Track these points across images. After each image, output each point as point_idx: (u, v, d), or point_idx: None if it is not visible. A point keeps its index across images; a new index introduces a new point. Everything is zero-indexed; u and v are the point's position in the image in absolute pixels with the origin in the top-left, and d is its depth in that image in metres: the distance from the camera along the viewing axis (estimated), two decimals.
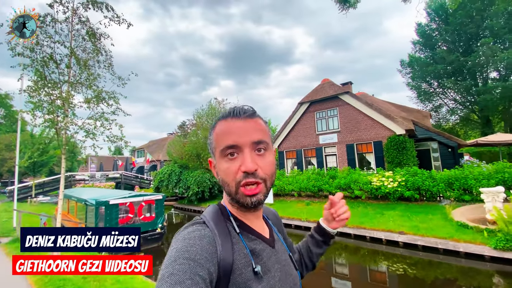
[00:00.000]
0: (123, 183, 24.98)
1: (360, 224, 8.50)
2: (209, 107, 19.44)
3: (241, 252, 0.62)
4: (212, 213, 0.68)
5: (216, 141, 0.67)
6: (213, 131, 0.69)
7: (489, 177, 8.80)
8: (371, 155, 13.29)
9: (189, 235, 0.59)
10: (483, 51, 19.90)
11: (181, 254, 0.53)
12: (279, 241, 0.78)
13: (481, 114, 23.10)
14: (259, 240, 0.69)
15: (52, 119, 4.82)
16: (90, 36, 5.02)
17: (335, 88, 14.83)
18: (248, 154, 0.63)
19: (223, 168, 0.65)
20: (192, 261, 0.52)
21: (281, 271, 0.69)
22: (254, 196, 0.63)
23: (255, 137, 0.64)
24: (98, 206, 7.40)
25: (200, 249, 0.55)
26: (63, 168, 5.16)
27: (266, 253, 0.68)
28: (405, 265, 6.50)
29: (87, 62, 5.01)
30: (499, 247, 5.82)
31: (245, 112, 0.68)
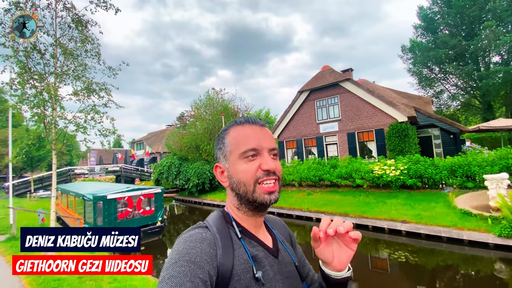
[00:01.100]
0: (123, 176, 24.93)
1: (362, 214, 8.42)
2: (207, 98, 19.12)
3: (241, 257, 0.62)
4: (215, 218, 0.69)
5: (234, 145, 0.69)
6: (227, 135, 0.71)
7: (492, 163, 8.66)
8: (372, 143, 13.12)
9: (190, 237, 0.59)
10: (486, 35, 19.42)
11: (181, 256, 0.53)
12: (284, 252, 0.75)
13: (482, 100, 22.80)
14: (261, 248, 0.68)
15: (39, 113, 4.59)
16: (76, 23, 4.73)
17: (336, 75, 14.48)
18: (268, 156, 0.68)
19: (242, 169, 0.67)
20: (192, 263, 0.52)
21: (283, 283, 0.67)
22: (273, 194, 0.66)
23: (272, 144, 0.70)
24: (95, 201, 7.28)
25: (201, 252, 0.56)
26: (54, 164, 4.97)
27: (268, 262, 0.66)
28: (407, 253, 6.45)
29: (73, 52, 4.73)
30: (503, 234, 5.73)
31: (260, 121, 0.73)
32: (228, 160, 0.70)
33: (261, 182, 0.65)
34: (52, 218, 4.95)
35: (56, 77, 4.67)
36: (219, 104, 18.94)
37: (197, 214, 14.07)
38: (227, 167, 0.70)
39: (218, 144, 0.73)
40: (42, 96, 4.59)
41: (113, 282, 3.71)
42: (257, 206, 0.67)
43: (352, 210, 8.81)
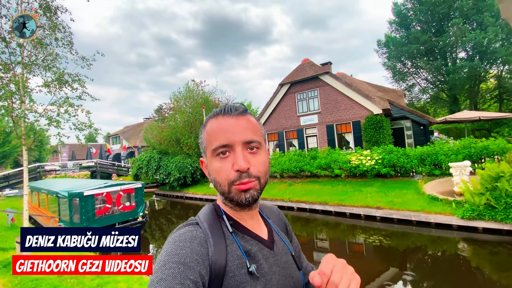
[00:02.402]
0: (98, 171, 23.91)
1: (340, 202, 8.82)
2: (187, 90, 18.70)
3: (234, 253, 0.60)
4: (206, 214, 0.66)
5: (208, 140, 0.65)
6: (204, 129, 0.67)
7: (457, 152, 9.38)
8: (350, 135, 13.64)
9: (179, 237, 0.57)
10: (453, 32, 20.61)
11: (170, 258, 0.51)
12: (280, 242, 0.73)
13: (449, 93, 24.34)
14: (255, 241, 0.66)
15: (6, 106, 4.28)
16: (44, 10, 4.41)
17: (316, 69, 14.76)
18: (240, 153, 0.61)
19: (215, 168, 0.63)
20: (182, 264, 0.50)
21: (279, 274, 0.66)
22: (248, 192, 0.61)
23: (247, 136, 0.62)
24: (71, 198, 6.98)
25: (191, 252, 0.53)
26: (25, 161, 4.69)
27: (263, 255, 0.64)
28: (381, 237, 6.90)
29: (42, 40, 4.43)
30: (465, 216, 6.31)
31: (236, 110, 0.66)
32: (206, 156, 0.67)
33: (235, 184, 0.61)
34: (25, 217, 4.70)
35: (24, 67, 4.36)
36: (200, 96, 18.62)
37: (179, 208, 13.95)
38: (206, 163, 0.67)
39: (199, 138, 0.70)
40: (9, 88, 4.28)
41: (96, 278, 3.65)
42: (235, 204, 0.64)
43: (331, 199, 9.19)
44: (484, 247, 5.88)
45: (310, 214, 9.25)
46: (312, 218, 8.97)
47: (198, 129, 17.52)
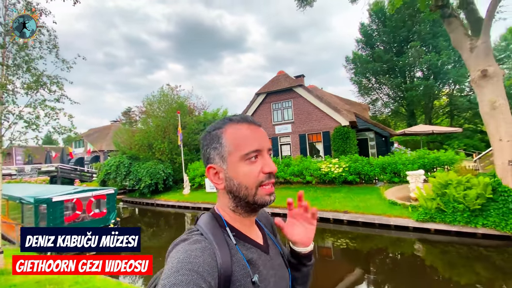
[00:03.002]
0: (59, 177, 22.18)
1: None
2: (161, 94, 18.38)
3: (239, 263, 0.63)
4: (207, 223, 0.67)
5: (234, 145, 0.66)
6: (224, 134, 0.68)
7: (413, 162, 10.50)
8: (320, 144, 14.48)
9: (190, 246, 0.59)
10: (412, 53, 22.98)
11: (184, 265, 0.53)
12: (273, 245, 0.78)
13: (407, 108, 26.84)
14: (255, 249, 0.70)
15: None
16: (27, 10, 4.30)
17: (290, 81, 15.51)
18: (269, 157, 0.69)
19: (245, 172, 0.65)
20: (195, 273, 0.52)
21: (275, 275, 0.71)
22: (272, 194, 0.68)
23: (270, 144, 0.71)
24: (37, 204, 6.58)
25: (203, 262, 0.55)
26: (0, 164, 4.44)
27: (262, 261, 0.69)
28: (348, 240, 7.49)
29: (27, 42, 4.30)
30: (420, 219, 7.13)
31: (257, 121, 0.73)
32: (225, 162, 0.67)
33: (263, 185, 0.66)
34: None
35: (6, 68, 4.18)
36: (174, 101, 18.39)
37: (149, 216, 13.52)
38: (225, 169, 0.67)
39: (212, 143, 0.69)
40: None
41: (74, 285, 3.60)
42: (256, 207, 0.68)
43: None
44: (436, 246, 6.63)
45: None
46: None
47: (172, 134, 17.25)
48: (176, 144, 16.80)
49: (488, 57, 7.01)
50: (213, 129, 0.70)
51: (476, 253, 6.12)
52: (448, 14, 7.75)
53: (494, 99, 6.76)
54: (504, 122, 6.70)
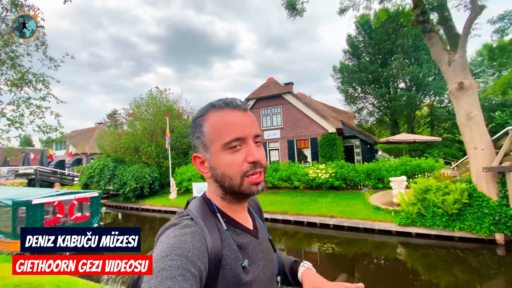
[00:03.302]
0: (38, 179, 21.22)
1: (299, 211, 9.47)
2: (149, 97, 18.15)
3: (230, 248, 0.63)
4: (198, 208, 0.67)
5: (215, 134, 0.64)
6: (206, 122, 0.66)
7: (396, 169, 10.88)
8: (308, 150, 14.73)
9: (180, 231, 0.58)
10: (395, 65, 23.94)
11: (173, 250, 0.53)
12: (261, 229, 0.79)
13: (391, 117, 27.80)
14: (245, 234, 0.70)
15: None
16: (13, 5, 4.23)
17: (279, 88, 15.79)
18: (253, 145, 0.64)
19: (227, 161, 0.63)
20: (184, 257, 0.52)
21: (263, 259, 0.71)
22: (260, 184, 0.65)
23: (256, 130, 0.66)
24: (16, 207, 6.31)
25: (192, 247, 0.55)
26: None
27: (252, 246, 0.69)
28: (334, 244, 7.63)
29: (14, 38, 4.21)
30: (402, 223, 7.39)
31: (243, 104, 0.68)
32: (209, 151, 0.65)
33: (249, 175, 0.63)
34: None
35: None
36: (163, 104, 18.20)
37: (133, 221, 13.19)
38: (208, 158, 0.66)
39: (195, 132, 0.68)
40: None
41: None
42: (243, 196, 0.67)
43: (290, 209, 9.80)
44: (417, 250, 6.88)
45: (271, 224, 9.69)
46: (272, 228, 9.41)
47: (160, 138, 17.01)
48: (163, 147, 16.56)
49: (464, 70, 7.47)
50: (196, 117, 0.69)
51: (454, 255, 6.40)
52: (428, 30, 8.21)
53: (469, 110, 7.19)
54: (479, 132, 7.12)
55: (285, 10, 8.97)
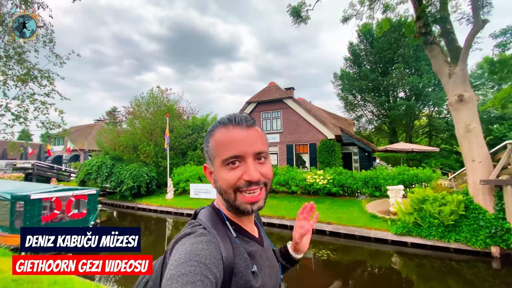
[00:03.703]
0: (35, 174, 21.10)
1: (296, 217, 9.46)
2: (150, 96, 18.18)
3: (241, 256, 0.65)
4: (209, 217, 0.69)
5: (216, 150, 0.67)
6: (212, 138, 0.69)
7: (393, 177, 10.94)
8: (306, 155, 14.78)
9: (196, 239, 0.60)
10: (396, 74, 24.15)
11: (192, 256, 0.54)
12: (265, 238, 0.83)
13: (390, 126, 27.96)
14: (253, 242, 0.73)
15: None
16: (24, 3, 4.26)
17: (280, 92, 15.88)
18: (251, 164, 0.65)
19: (224, 177, 0.66)
20: (203, 264, 0.53)
21: (269, 266, 0.75)
22: (255, 204, 0.67)
23: (257, 148, 0.67)
24: (14, 201, 6.29)
25: (209, 254, 0.57)
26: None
27: (259, 253, 0.72)
28: (329, 251, 7.64)
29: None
30: (398, 232, 7.42)
31: (247, 121, 0.69)
32: (213, 164, 0.69)
33: (242, 191, 0.65)
34: None
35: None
36: (163, 104, 18.23)
37: (129, 220, 13.12)
38: (213, 171, 0.70)
39: (205, 145, 0.72)
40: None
41: (53, 285, 3.48)
42: (240, 212, 0.68)
43: (288, 214, 9.81)
44: (412, 259, 6.89)
45: (268, 228, 9.70)
46: (269, 232, 9.37)
47: (159, 137, 17.01)
48: (162, 147, 16.55)
49: (464, 83, 7.58)
50: (208, 130, 0.72)
51: (449, 267, 6.42)
52: (430, 41, 8.33)
53: (468, 122, 7.28)
54: (477, 145, 7.20)
55: (290, 16, 9.07)
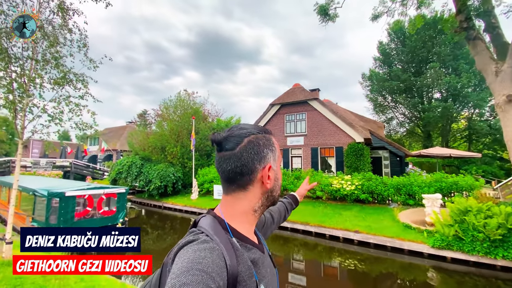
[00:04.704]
0: (72, 172, 22.72)
1: (321, 223, 9.10)
2: (178, 99, 18.75)
3: (245, 264, 0.64)
4: (211, 226, 0.68)
5: (278, 154, 0.77)
6: (273, 140, 0.76)
7: (429, 185, 10.12)
8: (332, 159, 14.24)
9: (199, 246, 0.59)
10: (431, 74, 22.61)
11: (194, 265, 0.53)
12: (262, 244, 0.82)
13: (424, 129, 26.20)
14: (255, 249, 0.72)
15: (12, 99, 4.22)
16: (60, 10, 4.52)
17: (305, 94, 15.52)
18: None
19: (280, 176, 0.79)
20: (205, 273, 0.52)
21: (269, 273, 0.74)
22: None
23: None
24: (50, 197, 6.71)
25: (212, 262, 0.55)
26: (19, 154, 4.57)
27: (261, 260, 0.71)
28: (356, 261, 7.19)
29: (57, 39, 4.51)
30: (436, 246, 6.79)
31: None
32: (276, 164, 0.74)
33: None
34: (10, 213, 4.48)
35: (36, 63, 4.38)
36: (190, 106, 18.71)
37: (155, 218, 13.54)
38: (275, 170, 0.74)
39: (269, 145, 0.73)
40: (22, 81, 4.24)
41: (80, 282, 3.58)
42: (274, 203, 0.78)
43: (312, 220, 9.46)
44: (452, 276, 6.26)
45: (291, 233, 9.43)
46: (292, 238, 9.14)
47: (185, 139, 17.46)
48: (188, 148, 16.97)
49: None
50: (264, 131, 0.75)
51: (495, 286, 5.75)
52: (473, 37, 7.62)
53: None
54: None
55: (317, 15, 8.78)
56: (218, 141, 0.71)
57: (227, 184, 0.72)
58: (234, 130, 0.72)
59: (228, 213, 0.72)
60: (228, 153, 0.69)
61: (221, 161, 0.70)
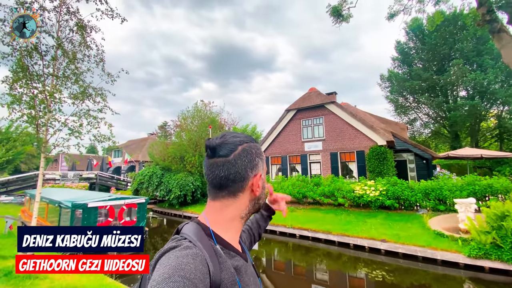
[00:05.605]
0: (98, 184, 23.68)
1: (344, 232, 8.68)
2: (195, 109, 19.13)
3: (228, 271, 0.64)
4: (194, 232, 0.66)
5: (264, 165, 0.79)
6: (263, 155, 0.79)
7: (461, 188, 9.40)
8: (353, 164, 13.72)
9: (181, 252, 0.57)
10: (454, 71, 21.45)
11: (175, 271, 0.52)
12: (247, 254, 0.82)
13: (450, 129, 24.74)
14: (238, 257, 0.71)
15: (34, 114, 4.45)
16: (79, 28, 4.74)
17: (322, 98, 15.22)
18: None
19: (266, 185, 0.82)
20: (187, 279, 0.51)
21: (253, 282, 0.73)
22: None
23: None
24: (74, 209, 6.93)
25: (194, 269, 0.55)
26: (42, 168, 4.77)
27: (244, 268, 0.71)
28: (384, 271, 6.71)
29: (75, 55, 4.72)
30: (472, 255, 6.20)
31: None
32: (263, 173, 0.76)
33: None
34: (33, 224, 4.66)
35: (56, 79, 4.60)
36: (207, 116, 19.01)
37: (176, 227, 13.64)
38: (263, 178, 0.76)
39: (260, 155, 0.76)
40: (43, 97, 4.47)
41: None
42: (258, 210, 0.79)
43: (334, 228, 9.05)
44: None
45: (313, 243, 9.06)
46: (313, 247, 8.77)
47: (203, 148, 17.66)
48: None
49: None
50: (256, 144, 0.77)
51: None
52: (497, 29, 7.13)
53: None
54: None
55: (330, 17, 8.62)
56: (212, 147, 0.70)
57: (216, 190, 0.71)
58: (228, 137, 0.73)
59: (214, 219, 0.71)
60: (222, 160, 0.69)
61: (214, 167, 0.70)
